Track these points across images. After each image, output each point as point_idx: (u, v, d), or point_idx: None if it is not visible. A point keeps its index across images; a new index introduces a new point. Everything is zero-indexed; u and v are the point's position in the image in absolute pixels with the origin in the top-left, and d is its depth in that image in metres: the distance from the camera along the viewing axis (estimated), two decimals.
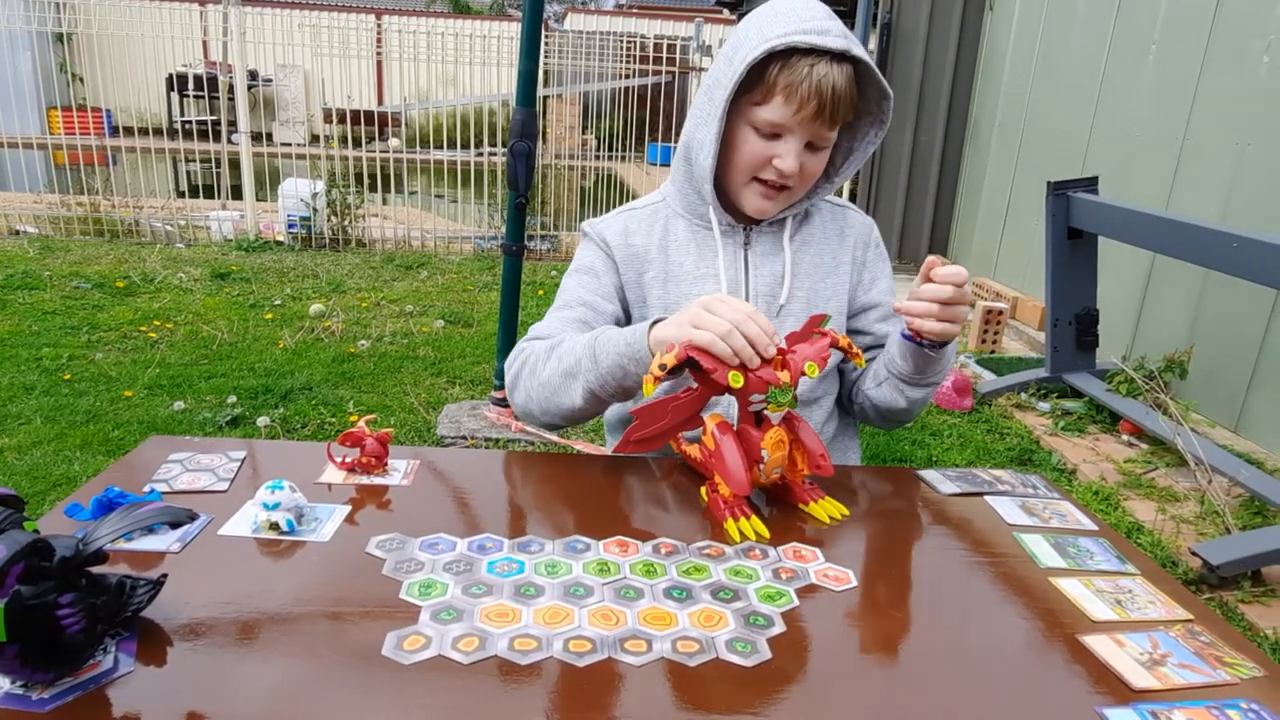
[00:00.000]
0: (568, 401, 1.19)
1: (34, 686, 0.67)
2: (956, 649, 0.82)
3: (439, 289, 5.75)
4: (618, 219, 1.37)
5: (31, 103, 7.77)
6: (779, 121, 1.18)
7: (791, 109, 1.17)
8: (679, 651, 0.77)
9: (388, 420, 3.47)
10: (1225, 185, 3.98)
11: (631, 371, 1.11)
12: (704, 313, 1.01)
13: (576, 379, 1.16)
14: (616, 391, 1.15)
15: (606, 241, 1.34)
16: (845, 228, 1.40)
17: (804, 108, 1.16)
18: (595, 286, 1.32)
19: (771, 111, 1.18)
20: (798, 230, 1.36)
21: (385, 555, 0.91)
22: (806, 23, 1.15)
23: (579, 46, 7.79)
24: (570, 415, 1.22)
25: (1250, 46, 3.88)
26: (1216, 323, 3.96)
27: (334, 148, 7.26)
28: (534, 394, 1.22)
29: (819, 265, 1.35)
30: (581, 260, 1.36)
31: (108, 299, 4.94)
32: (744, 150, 1.23)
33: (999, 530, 1.08)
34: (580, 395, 1.16)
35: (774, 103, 1.18)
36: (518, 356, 1.26)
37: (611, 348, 1.12)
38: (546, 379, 1.20)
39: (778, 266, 1.32)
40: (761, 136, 1.21)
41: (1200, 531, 2.91)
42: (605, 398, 1.17)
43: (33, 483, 2.79)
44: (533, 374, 1.22)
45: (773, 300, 1.32)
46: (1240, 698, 0.76)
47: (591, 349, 1.14)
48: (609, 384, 1.14)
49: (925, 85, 6.73)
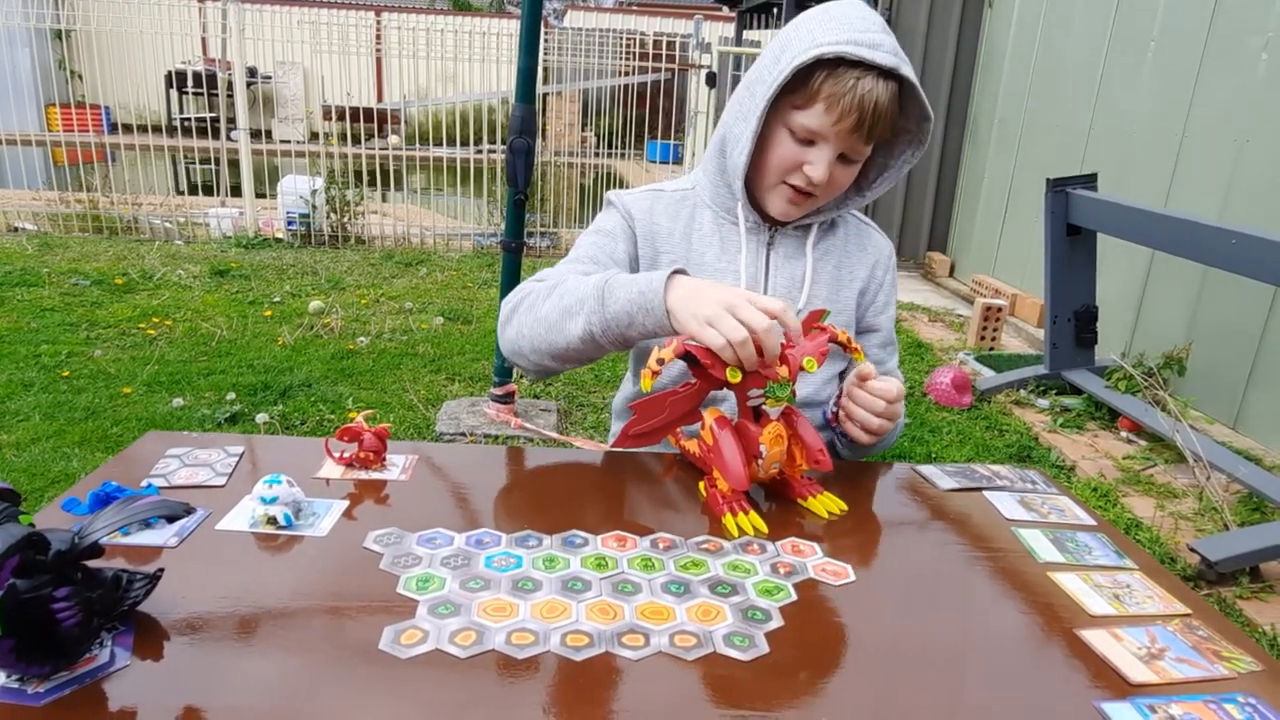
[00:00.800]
0: (561, 340, 1.15)
1: (29, 680, 0.67)
2: (955, 643, 0.82)
3: (438, 286, 5.75)
4: (645, 196, 1.35)
5: (30, 100, 7.75)
6: (816, 129, 1.17)
7: (831, 119, 1.15)
8: (677, 646, 0.77)
9: (387, 417, 3.46)
10: (1224, 182, 3.98)
11: (638, 321, 1.08)
12: (724, 314, 0.99)
13: (577, 316, 1.12)
14: (617, 339, 1.12)
15: (630, 213, 1.33)
16: (867, 245, 1.40)
17: (844, 120, 1.14)
18: (610, 249, 1.30)
19: (810, 118, 1.17)
20: (821, 239, 1.35)
21: (383, 550, 0.91)
22: (860, 33, 1.13)
23: (579, 44, 7.78)
24: (561, 355, 1.18)
25: (1249, 43, 3.88)
26: (1215, 320, 3.96)
27: (333, 145, 7.25)
28: (526, 330, 1.19)
29: (837, 278, 1.35)
30: (601, 223, 1.34)
31: (106, 296, 4.94)
32: (777, 152, 1.22)
33: (997, 525, 1.08)
34: (578, 334, 1.13)
35: (814, 109, 1.16)
36: (517, 294, 1.23)
37: (623, 293, 1.09)
38: (544, 314, 1.16)
39: (798, 271, 1.32)
40: (796, 141, 1.20)
41: (1199, 528, 2.91)
42: (604, 343, 1.13)
43: (31, 479, 2.79)
44: (530, 309, 1.19)
45: (790, 305, 1.31)
46: (1238, 692, 0.76)
47: (600, 290, 1.11)
48: (611, 329, 1.10)
49: (925, 82, 6.70)
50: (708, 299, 1.02)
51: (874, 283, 1.39)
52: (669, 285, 1.07)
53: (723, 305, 1.00)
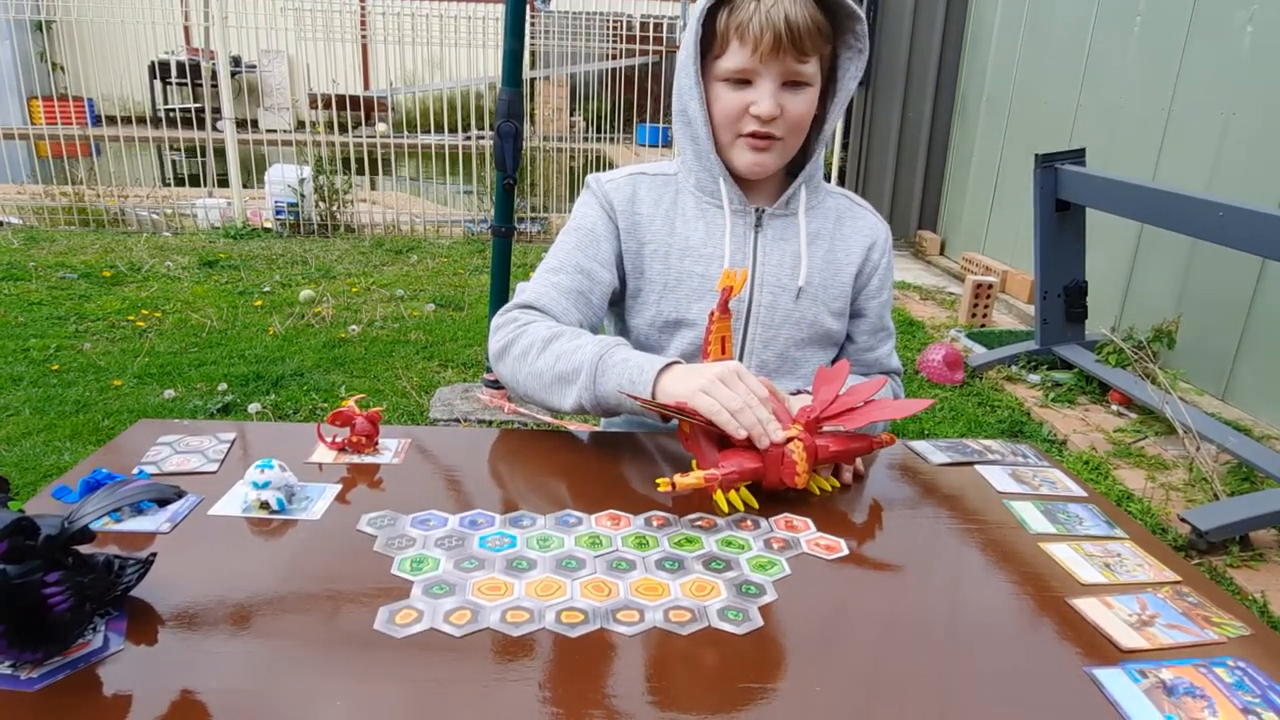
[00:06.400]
0: (556, 401, 1.16)
1: (22, 666, 0.67)
2: (947, 615, 0.83)
3: (429, 273, 5.73)
4: (626, 181, 1.31)
5: (12, 92, 7.67)
6: (742, 66, 1.15)
7: (748, 50, 1.13)
8: (671, 621, 0.78)
9: (380, 404, 3.46)
10: (1211, 155, 3.99)
11: (627, 404, 1.09)
12: (718, 383, 0.99)
13: (571, 386, 1.13)
14: (605, 412, 1.14)
15: (611, 203, 1.29)
16: (863, 227, 1.36)
17: (760, 45, 1.12)
18: (594, 251, 1.27)
19: (731, 59, 1.15)
20: (812, 221, 1.31)
21: (376, 532, 0.91)
22: None
23: (565, 27, 7.72)
24: (554, 411, 1.21)
25: (1234, 16, 3.87)
26: (1204, 292, 3.98)
27: (320, 133, 7.20)
28: (522, 378, 1.18)
29: (830, 260, 1.31)
30: (582, 218, 1.30)
31: (95, 289, 4.91)
32: (720, 106, 1.19)
33: (989, 498, 1.08)
34: (570, 403, 1.14)
35: (730, 49, 1.14)
36: (509, 326, 1.20)
37: (615, 375, 1.08)
38: (539, 372, 1.15)
39: (788, 254, 1.28)
40: (733, 88, 1.18)
41: (1189, 498, 2.93)
42: (594, 413, 1.15)
43: (23, 473, 2.78)
44: (524, 358, 1.17)
45: (780, 289, 1.28)
46: (1228, 655, 0.77)
47: (594, 369, 1.10)
48: (601, 405, 1.12)
49: (913, 60, 6.71)
50: (698, 374, 1.01)
51: (869, 265, 1.35)
52: (659, 378, 1.06)
53: (715, 376, 1.00)
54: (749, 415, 0.97)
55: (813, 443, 1.01)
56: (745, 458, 0.99)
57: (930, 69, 6.68)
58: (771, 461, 0.99)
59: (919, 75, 6.73)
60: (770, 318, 1.28)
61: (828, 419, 1.04)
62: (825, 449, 1.02)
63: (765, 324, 1.28)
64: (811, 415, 1.02)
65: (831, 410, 1.04)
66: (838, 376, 1.09)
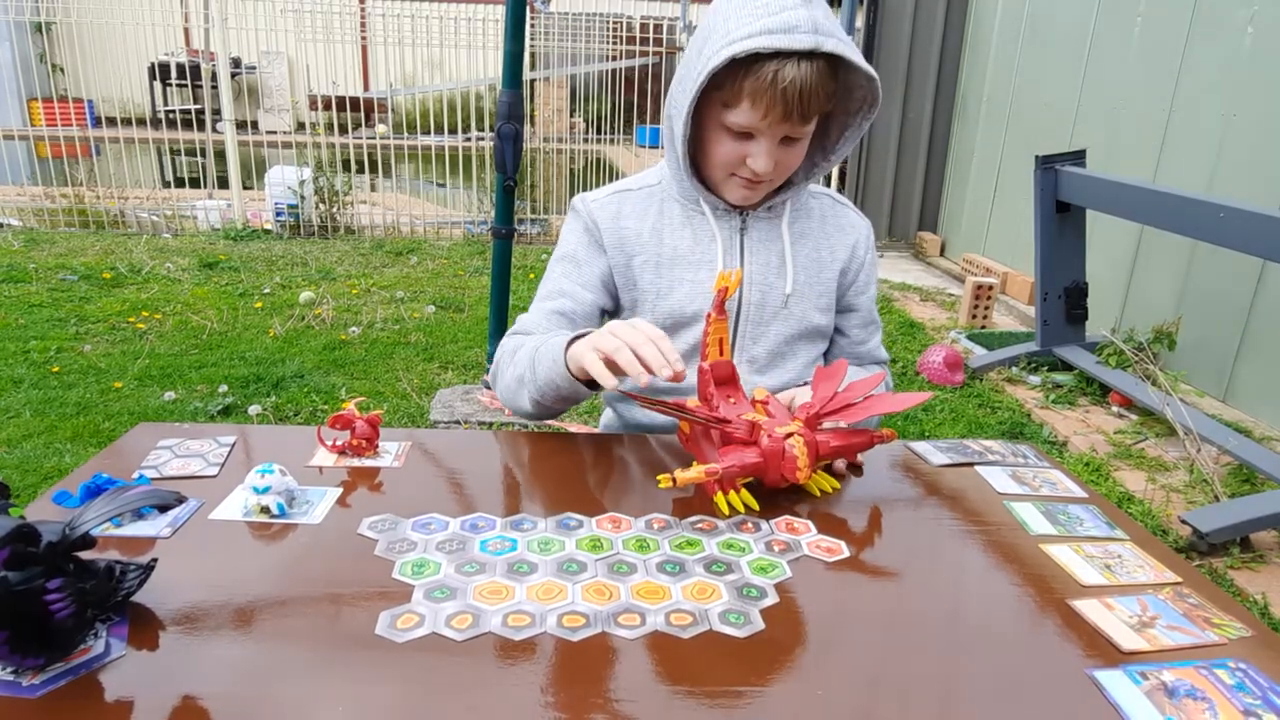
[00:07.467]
0: (523, 405, 1.23)
1: (24, 672, 0.67)
2: (949, 616, 0.83)
3: (429, 275, 5.73)
4: (611, 200, 1.34)
5: (12, 94, 7.67)
6: (747, 125, 1.15)
7: (759, 114, 1.13)
8: (672, 624, 0.78)
9: (380, 406, 3.46)
10: (1212, 156, 3.98)
11: (562, 386, 1.13)
12: (605, 335, 1.04)
13: (524, 388, 1.20)
14: (555, 401, 1.19)
15: (596, 224, 1.32)
16: (845, 225, 1.39)
17: (770, 113, 1.12)
18: (576, 275, 1.32)
19: (739, 115, 1.15)
20: (796, 220, 1.34)
21: (377, 536, 0.91)
22: (772, 17, 1.08)
23: (565, 29, 7.72)
24: (529, 416, 1.26)
25: (1235, 16, 3.87)
26: (1204, 293, 3.98)
27: (320, 134, 7.20)
28: (501, 393, 1.28)
29: (815, 259, 1.34)
30: (566, 245, 1.35)
31: (95, 290, 4.90)
32: (718, 150, 1.21)
33: (990, 499, 1.08)
34: (529, 401, 1.21)
35: (741, 107, 1.14)
36: (501, 351, 1.30)
37: (545, 360, 1.15)
38: (507, 382, 1.24)
39: (774, 255, 1.31)
40: (733, 138, 1.18)
41: (1190, 500, 2.93)
42: (549, 405, 1.20)
43: (23, 476, 2.77)
44: (500, 374, 1.27)
45: (768, 288, 1.30)
46: (1228, 657, 0.77)
47: (531, 360, 1.18)
48: (547, 394, 1.17)
49: (913, 60, 6.70)
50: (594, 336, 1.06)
51: (855, 262, 1.38)
52: (569, 349, 1.11)
53: (606, 329, 1.05)
54: (625, 354, 1.00)
55: (813, 438, 1.01)
56: (746, 453, 0.99)
57: (930, 70, 6.68)
58: (773, 457, 0.99)
59: (919, 75, 6.72)
60: (760, 315, 1.32)
61: (827, 414, 1.04)
62: (826, 444, 1.03)
63: (755, 321, 1.32)
64: (811, 411, 1.03)
65: (831, 406, 1.04)
66: (837, 374, 1.10)
